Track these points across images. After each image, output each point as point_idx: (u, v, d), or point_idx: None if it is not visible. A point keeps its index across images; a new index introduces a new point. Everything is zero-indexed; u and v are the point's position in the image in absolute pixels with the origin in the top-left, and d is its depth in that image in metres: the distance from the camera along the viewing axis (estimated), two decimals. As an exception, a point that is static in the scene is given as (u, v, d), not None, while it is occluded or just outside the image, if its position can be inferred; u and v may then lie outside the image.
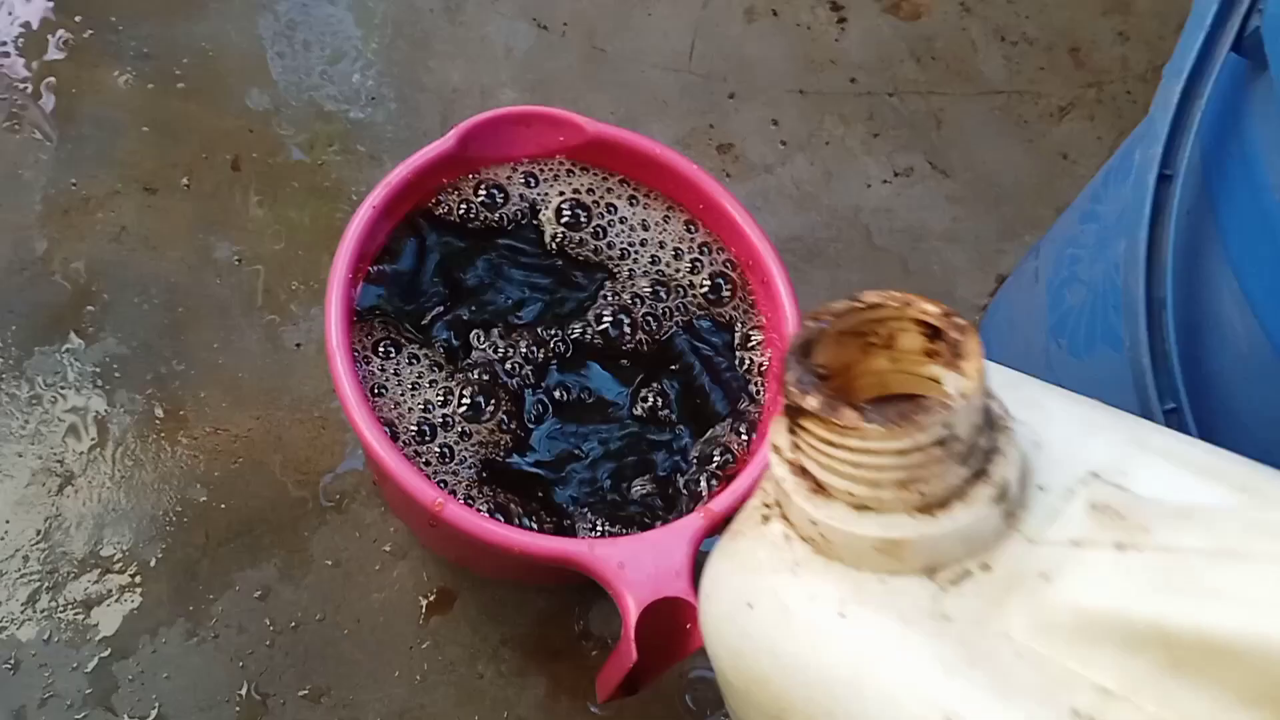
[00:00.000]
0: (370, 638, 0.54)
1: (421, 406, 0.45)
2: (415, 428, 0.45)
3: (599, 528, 0.45)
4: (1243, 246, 0.44)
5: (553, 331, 0.48)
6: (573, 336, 0.48)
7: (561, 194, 0.50)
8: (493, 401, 0.46)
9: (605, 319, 0.49)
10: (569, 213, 0.50)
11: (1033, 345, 0.60)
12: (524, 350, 0.48)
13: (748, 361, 0.50)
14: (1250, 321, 0.44)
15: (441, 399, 0.46)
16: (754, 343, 0.50)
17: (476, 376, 0.46)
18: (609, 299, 0.49)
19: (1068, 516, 0.26)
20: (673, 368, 0.49)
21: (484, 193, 0.50)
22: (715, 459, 0.47)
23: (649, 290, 0.50)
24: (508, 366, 0.47)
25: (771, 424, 0.28)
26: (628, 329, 0.49)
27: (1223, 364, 0.46)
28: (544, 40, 0.74)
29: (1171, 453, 0.28)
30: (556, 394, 0.47)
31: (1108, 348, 0.53)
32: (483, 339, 0.47)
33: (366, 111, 0.68)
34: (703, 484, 0.46)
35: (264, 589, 0.54)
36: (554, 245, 0.50)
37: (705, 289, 0.50)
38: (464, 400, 0.46)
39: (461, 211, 0.49)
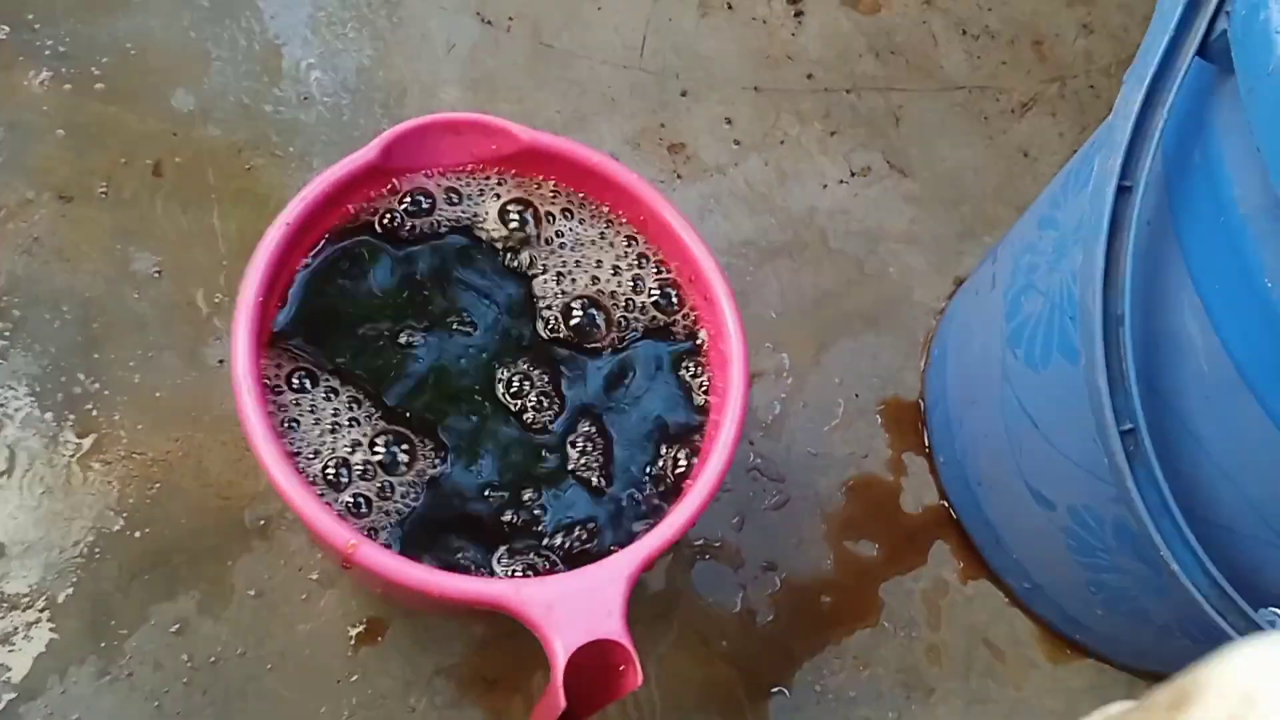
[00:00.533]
0: (295, 672, 0.52)
1: (347, 448, 0.42)
2: (332, 471, 0.42)
3: (526, 567, 0.42)
4: (1205, 261, 0.42)
5: (484, 357, 0.46)
6: (506, 361, 0.46)
7: (499, 202, 0.47)
8: (415, 438, 0.43)
9: (545, 340, 0.46)
10: (516, 215, 0.47)
11: (989, 354, 0.58)
12: (457, 379, 0.45)
13: (690, 381, 0.47)
14: (1211, 339, 0.42)
15: (361, 438, 0.43)
16: (697, 360, 0.47)
17: (399, 415, 0.44)
18: (546, 320, 0.47)
19: None
20: (608, 393, 0.46)
21: (410, 202, 0.47)
22: (655, 487, 0.45)
23: (587, 311, 0.47)
24: (436, 398, 0.44)
25: None
26: (565, 351, 0.46)
27: (1182, 382, 0.44)
28: (488, 36, 0.71)
29: None
30: (487, 425, 0.45)
31: (1065, 360, 0.50)
32: (410, 369, 0.45)
33: (299, 112, 0.65)
34: (640, 515, 0.44)
35: (182, 623, 0.52)
36: (493, 260, 0.47)
37: (646, 306, 0.48)
38: (377, 445, 0.43)
39: (387, 223, 0.46)
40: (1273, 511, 0.44)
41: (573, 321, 0.46)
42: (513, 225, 0.47)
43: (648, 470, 0.45)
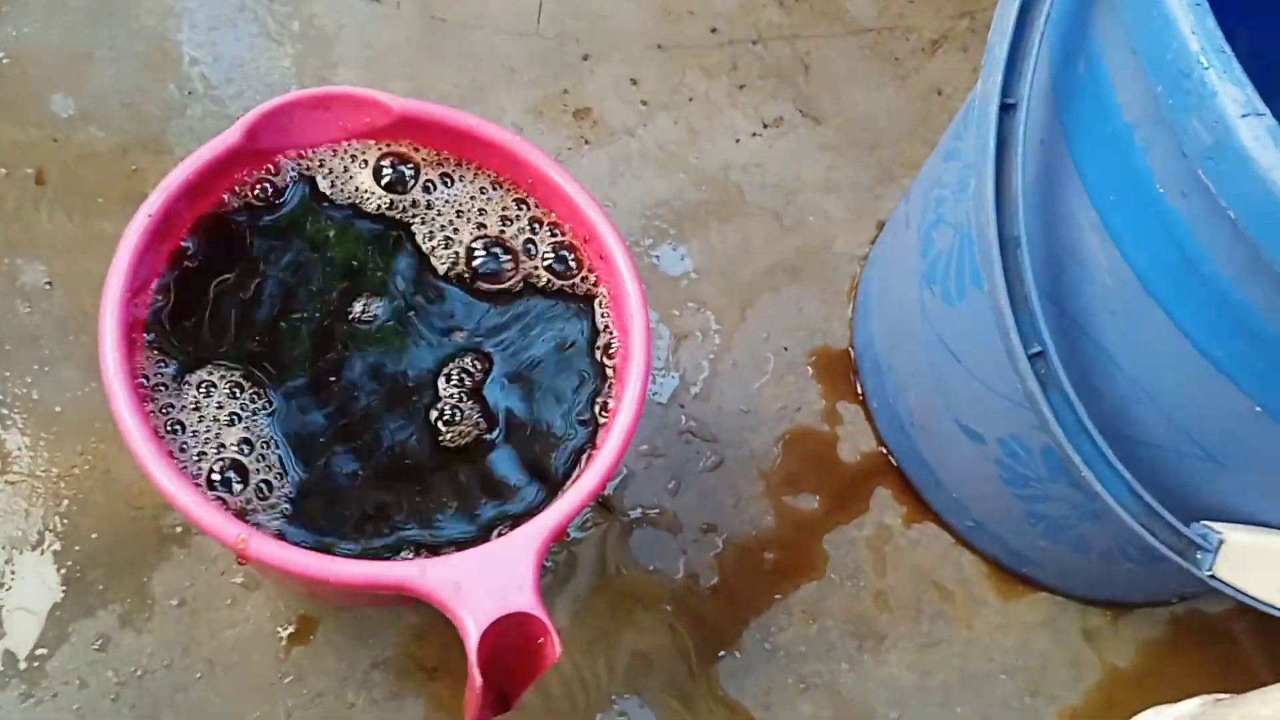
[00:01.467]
0: (226, 679, 0.50)
1: (236, 444, 0.41)
2: (224, 467, 0.40)
3: (431, 545, 0.41)
4: (1098, 174, 0.42)
5: (376, 330, 0.44)
6: (402, 332, 0.44)
7: (373, 171, 0.46)
8: (304, 424, 0.42)
9: (443, 295, 0.45)
10: (394, 174, 0.46)
11: (908, 293, 0.57)
12: (352, 359, 0.44)
13: (594, 344, 0.46)
14: (1112, 253, 0.42)
15: (248, 433, 0.41)
16: (599, 322, 0.46)
17: (288, 402, 0.42)
18: (444, 266, 0.45)
19: None
20: (509, 361, 0.45)
21: (283, 181, 0.45)
22: (561, 454, 0.43)
23: (490, 250, 0.46)
24: (326, 380, 0.43)
25: None
26: (463, 307, 0.45)
27: (1088, 300, 0.43)
28: (377, 14, 0.69)
29: None
30: (379, 400, 0.43)
31: (977, 291, 0.50)
32: (297, 352, 0.43)
33: (184, 109, 0.63)
34: (546, 485, 0.43)
35: (104, 638, 0.50)
36: (377, 229, 0.46)
37: (542, 270, 0.47)
38: (267, 436, 0.41)
39: (261, 205, 0.45)
40: (1191, 423, 0.44)
41: (475, 263, 0.45)
42: (393, 188, 0.46)
43: (553, 438, 0.44)
